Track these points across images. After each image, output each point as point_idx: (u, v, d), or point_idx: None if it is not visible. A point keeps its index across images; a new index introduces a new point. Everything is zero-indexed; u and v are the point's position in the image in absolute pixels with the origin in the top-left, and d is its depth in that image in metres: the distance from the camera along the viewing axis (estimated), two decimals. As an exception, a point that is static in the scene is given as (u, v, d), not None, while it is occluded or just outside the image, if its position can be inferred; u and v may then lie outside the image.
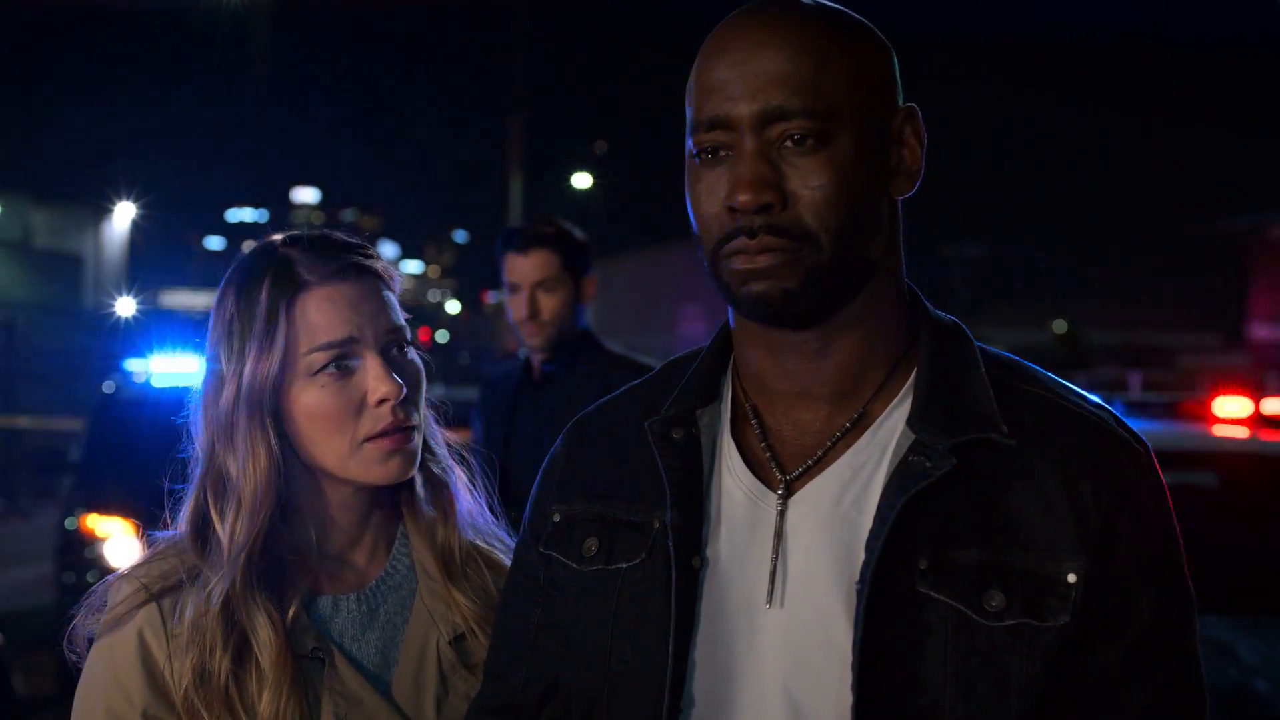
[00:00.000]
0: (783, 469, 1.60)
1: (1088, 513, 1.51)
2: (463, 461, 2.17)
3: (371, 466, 1.97)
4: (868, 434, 1.59)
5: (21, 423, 19.43)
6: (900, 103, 1.62)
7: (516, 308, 4.20)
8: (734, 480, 1.62)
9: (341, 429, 1.95)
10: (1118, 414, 1.62)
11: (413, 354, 2.04)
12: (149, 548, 2.01)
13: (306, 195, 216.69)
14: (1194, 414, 6.85)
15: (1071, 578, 1.49)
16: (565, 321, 4.19)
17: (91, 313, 30.49)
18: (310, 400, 1.95)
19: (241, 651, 1.89)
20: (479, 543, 2.13)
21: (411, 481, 2.05)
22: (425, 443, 2.06)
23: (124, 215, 35.31)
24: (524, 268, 4.19)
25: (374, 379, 1.96)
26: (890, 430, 1.58)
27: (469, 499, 2.14)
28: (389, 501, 2.08)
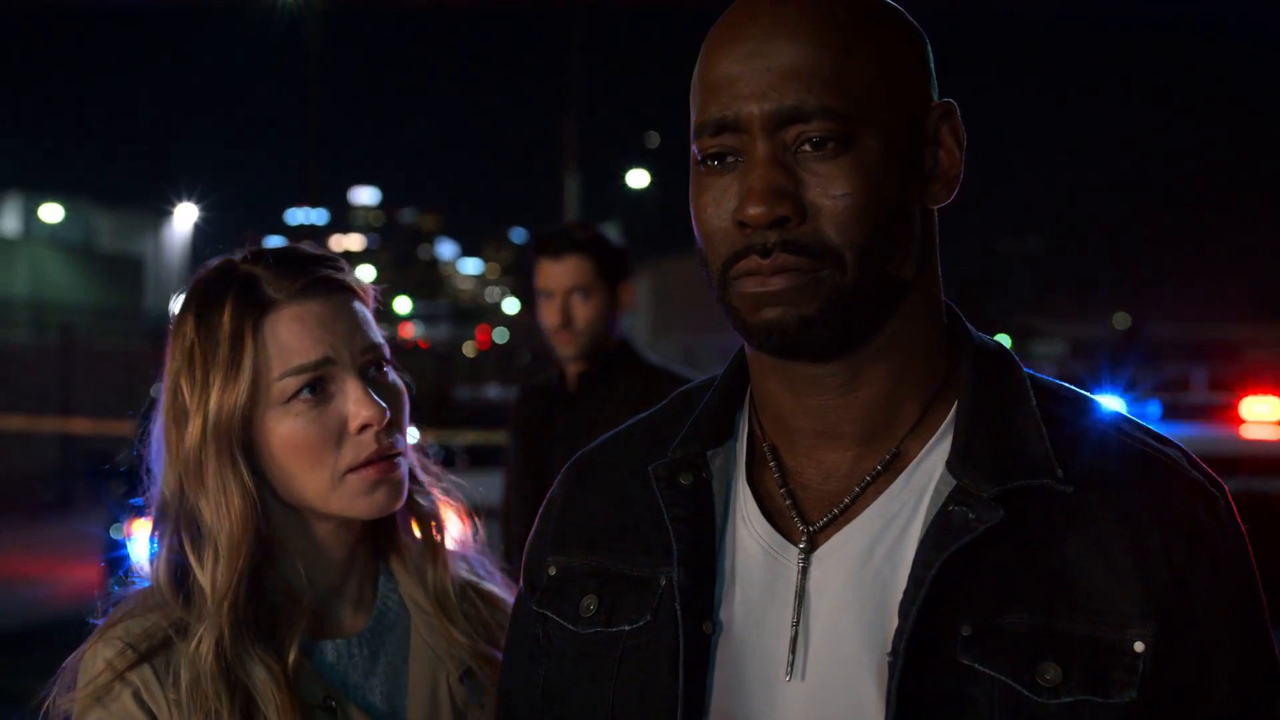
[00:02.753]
0: (805, 519, 1.40)
1: (1157, 570, 1.31)
2: (447, 491, 2.01)
3: (356, 500, 1.81)
4: (902, 478, 1.39)
5: (78, 426, 19.52)
6: (936, 98, 1.42)
7: (549, 315, 4.03)
8: (750, 533, 1.42)
9: (321, 460, 1.79)
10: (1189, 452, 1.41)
11: (393, 374, 1.88)
12: (115, 604, 1.83)
13: (365, 196, 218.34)
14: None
15: (1139, 646, 1.29)
16: (600, 330, 4.02)
17: (151, 315, 30.74)
18: (285, 431, 1.79)
19: (249, 709, 1.73)
20: (470, 575, 1.98)
21: (393, 514, 1.89)
22: (410, 471, 1.90)
23: (184, 217, 35.61)
24: (557, 273, 4.02)
25: (354, 403, 1.80)
26: (927, 473, 1.38)
27: (458, 529, 1.99)
28: (369, 535, 1.93)
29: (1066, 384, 1.47)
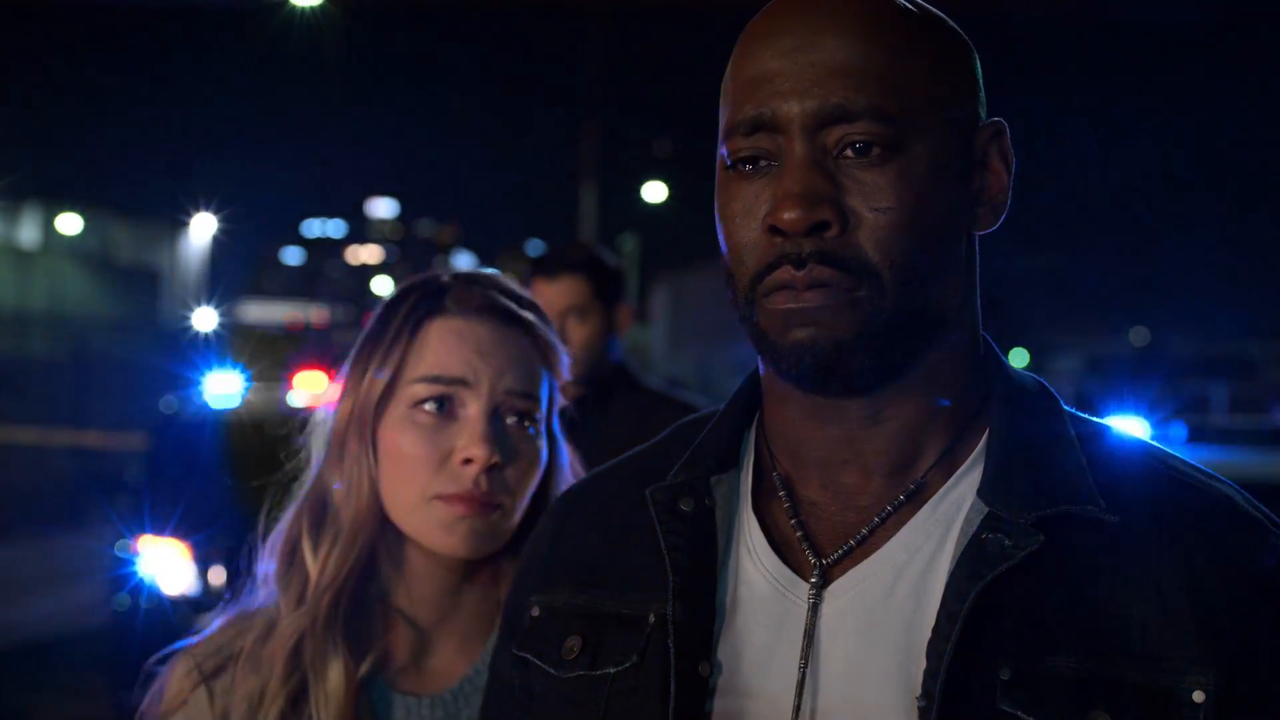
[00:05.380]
0: (818, 551, 1.28)
1: (1217, 614, 1.19)
2: None
3: (435, 530, 1.72)
4: (927, 507, 1.27)
5: (90, 439, 19.47)
6: (984, 116, 1.30)
7: None
8: (755, 565, 1.30)
9: (415, 475, 1.72)
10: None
11: (537, 438, 1.78)
12: (220, 616, 1.80)
13: (382, 208, 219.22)
14: None
15: (1198, 696, 1.16)
16: (596, 353, 3.91)
17: (166, 327, 30.78)
18: (396, 434, 1.73)
19: (298, 700, 1.66)
20: None
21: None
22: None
23: (201, 229, 35.71)
24: (551, 294, 3.91)
25: (468, 435, 1.72)
26: (955, 504, 1.26)
27: None
28: (491, 588, 1.80)
29: (1109, 423, 1.35)
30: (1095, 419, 1.34)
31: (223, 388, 10.23)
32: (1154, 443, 1.33)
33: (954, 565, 1.21)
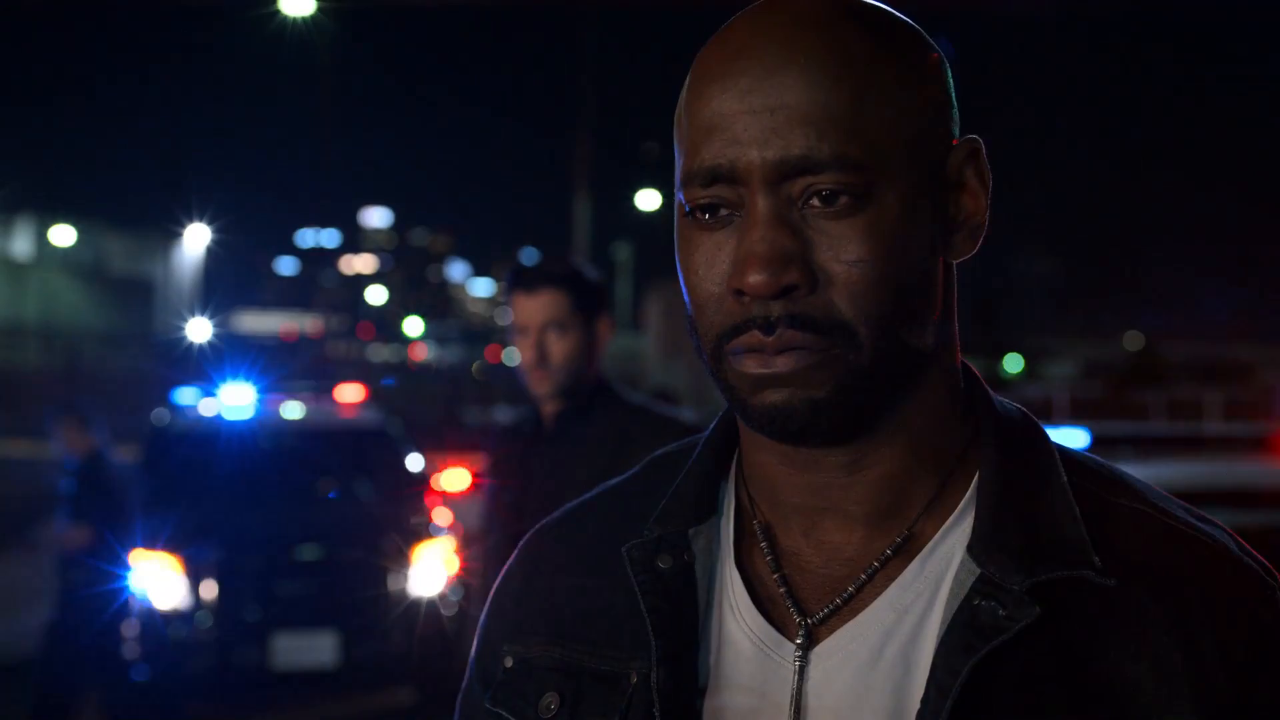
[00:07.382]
0: (802, 609, 1.21)
1: (1213, 674, 1.14)
2: None
3: None
4: (916, 563, 1.20)
5: (83, 451, 19.40)
6: (958, 134, 1.22)
7: (524, 352, 3.90)
8: (738, 625, 1.23)
9: None
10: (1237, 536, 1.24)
11: None
12: None
13: (376, 217, 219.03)
14: None
15: None
16: (577, 367, 3.88)
17: (160, 338, 30.73)
18: None
19: None
20: None
21: None
22: None
23: (195, 240, 35.67)
24: (531, 309, 3.88)
25: None
26: (944, 559, 1.20)
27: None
28: None
29: (1095, 456, 1.29)
30: (1079, 451, 1.28)
31: (235, 398, 10.29)
32: (1141, 482, 1.27)
33: (944, 631, 1.16)
